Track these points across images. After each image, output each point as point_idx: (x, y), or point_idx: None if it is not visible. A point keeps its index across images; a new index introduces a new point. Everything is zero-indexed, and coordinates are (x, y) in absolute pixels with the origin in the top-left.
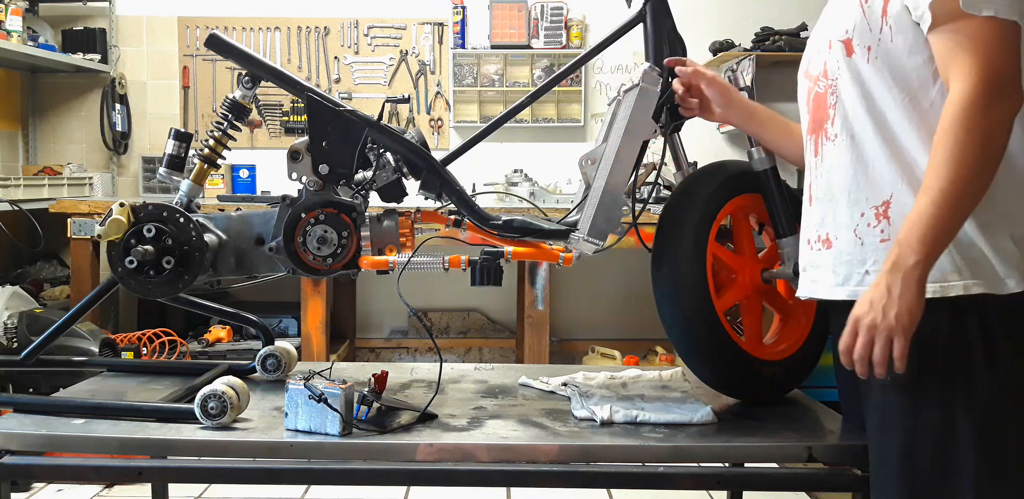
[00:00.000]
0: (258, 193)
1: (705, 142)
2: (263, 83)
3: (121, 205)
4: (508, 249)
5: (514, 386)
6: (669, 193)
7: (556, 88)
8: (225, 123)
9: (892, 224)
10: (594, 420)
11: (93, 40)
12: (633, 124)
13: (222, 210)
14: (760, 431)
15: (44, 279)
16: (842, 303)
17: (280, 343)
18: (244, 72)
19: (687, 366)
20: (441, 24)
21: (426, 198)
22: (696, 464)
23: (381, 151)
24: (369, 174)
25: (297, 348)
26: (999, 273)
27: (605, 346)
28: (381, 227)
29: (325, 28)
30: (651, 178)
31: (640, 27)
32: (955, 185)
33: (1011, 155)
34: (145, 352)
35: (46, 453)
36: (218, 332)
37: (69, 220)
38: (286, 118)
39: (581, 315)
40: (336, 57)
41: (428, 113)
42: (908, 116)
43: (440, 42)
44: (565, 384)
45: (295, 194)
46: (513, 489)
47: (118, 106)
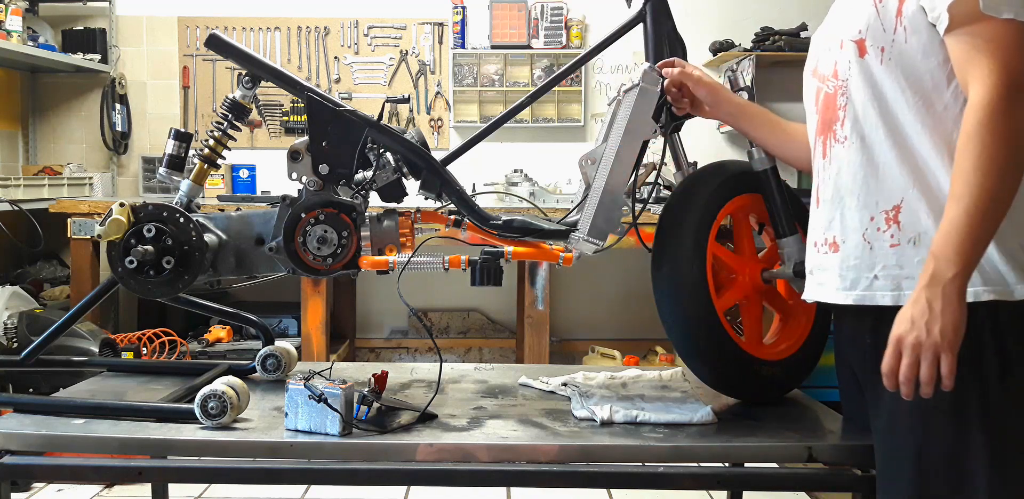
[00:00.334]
0: (258, 193)
1: (705, 142)
2: (263, 83)
3: (121, 205)
4: (508, 249)
5: (514, 386)
6: (669, 193)
7: (556, 88)
8: (225, 123)
9: (903, 229)
10: (594, 420)
11: (93, 40)
12: (633, 124)
13: (222, 210)
14: (760, 431)
15: (44, 279)
16: (849, 308)
17: (280, 343)
18: (244, 72)
19: (687, 366)
20: (441, 24)
21: (426, 198)
22: (696, 464)
23: (381, 151)
24: (369, 174)
25: (297, 348)
26: (1009, 280)
27: (605, 346)
28: (381, 227)
29: (325, 28)
30: (651, 178)
31: (640, 27)
32: (986, 191)
33: None
34: (145, 352)
35: (46, 453)
36: (218, 332)
37: (69, 220)
38: (286, 118)
39: (581, 315)
40: (336, 57)
41: (428, 113)
42: (921, 119)
43: (440, 42)
44: (565, 384)
45: (295, 194)
46: (513, 489)
47: (118, 106)
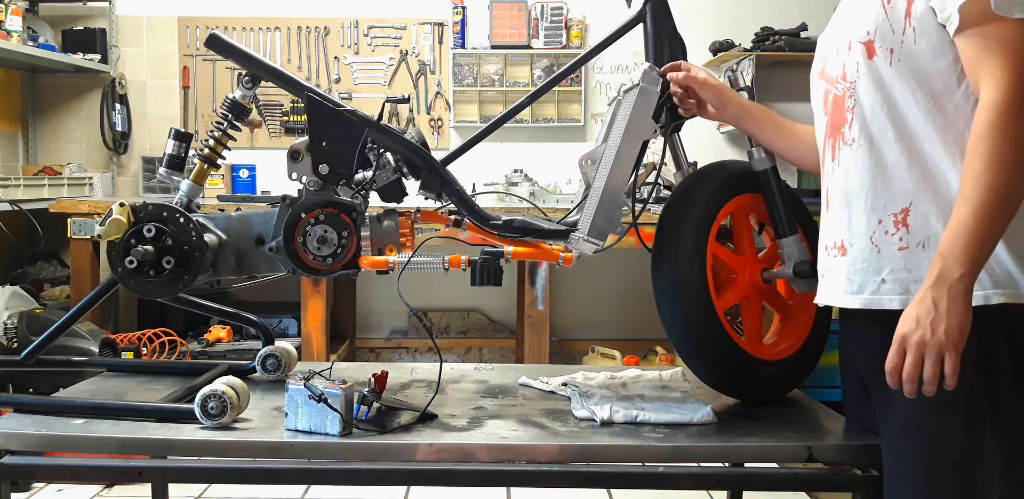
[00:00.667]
0: (258, 193)
1: (705, 142)
2: (263, 83)
3: (121, 205)
4: (508, 249)
5: (514, 386)
6: (669, 193)
7: (556, 88)
8: (225, 123)
9: (911, 232)
10: (594, 420)
11: (93, 40)
12: (633, 124)
13: (222, 210)
14: (760, 431)
15: (44, 279)
16: (856, 311)
17: (280, 343)
18: (244, 72)
19: (687, 366)
20: (441, 24)
21: (426, 198)
22: (696, 464)
23: (381, 151)
24: (369, 174)
25: (297, 348)
26: (1020, 282)
27: (605, 346)
28: (381, 227)
29: (325, 28)
30: (651, 178)
31: (640, 27)
32: (995, 192)
33: None
34: (145, 352)
35: (46, 453)
36: (218, 332)
37: (69, 220)
38: (286, 118)
39: (581, 315)
40: (336, 57)
41: (428, 113)
42: (931, 120)
43: (440, 42)
44: (565, 384)
45: (295, 194)
46: (513, 489)
47: (118, 106)
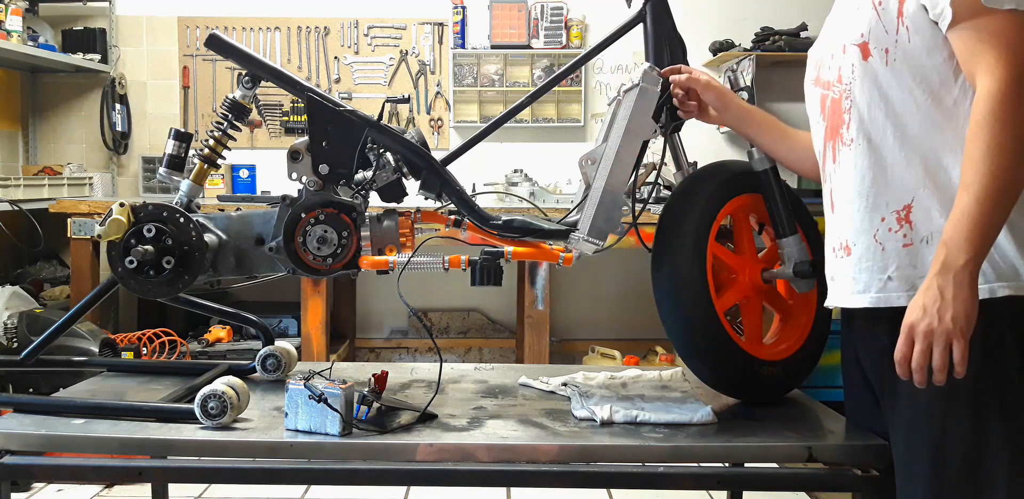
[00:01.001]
0: (258, 193)
1: (705, 142)
2: (263, 83)
3: (121, 205)
4: (508, 249)
5: (514, 386)
6: (669, 193)
7: (556, 88)
8: (225, 123)
9: (915, 228)
10: (594, 420)
11: (93, 40)
12: (633, 124)
13: (222, 210)
14: (760, 431)
15: (44, 279)
16: (863, 311)
17: (280, 343)
18: (244, 72)
19: (687, 366)
20: (441, 24)
21: (426, 198)
22: (696, 464)
23: (381, 151)
24: (369, 174)
25: (297, 348)
26: None
27: (605, 346)
28: (381, 227)
29: (325, 28)
30: (651, 178)
31: (640, 27)
32: (996, 180)
33: None
34: (145, 352)
35: (46, 453)
36: (218, 332)
37: (69, 220)
38: (286, 118)
39: (581, 315)
40: (336, 57)
41: (428, 113)
42: (930, 117)
43: (440, 42)
44: (565, 384)
45: (295, 194)
46: (513, 489)
47: (118, 106)
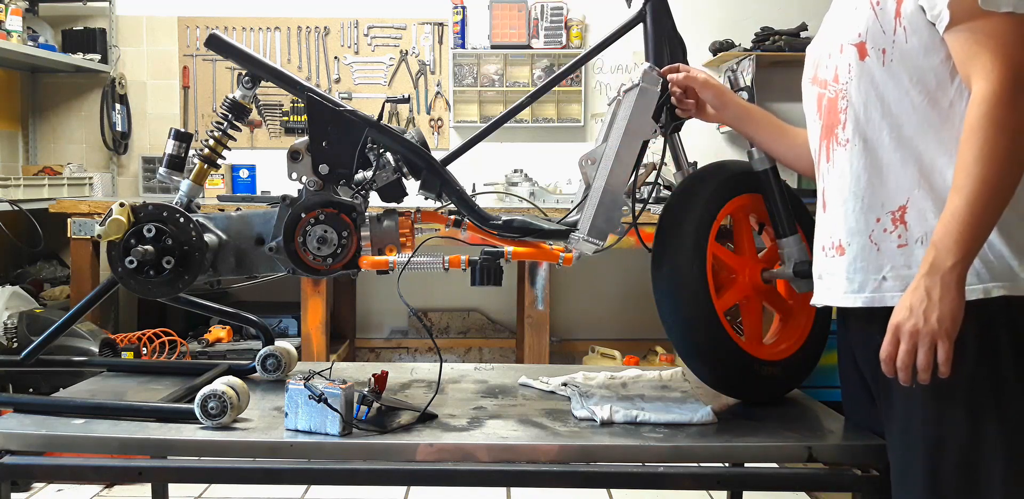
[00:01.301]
0: (258, 193)
1: (705, 142)
2: (263, 83)
3: (121, 205)
4: (508, 249)
5: (514, 386)
6: (669, 193)
7: (556, 88)
8: (225, 123)
9: (910, 229)
10: (594, 420)
11: (93, 40)
12: (633, 124)
13: (222, 210)
14: (760, 431)
15: (44, 279)
16: (857, 310)
17: (280, 343)
18: (244, 72)
19: (687, 366)
20: (441, 24)
21: (426, 198)
22: (696, 464)
23: (381, 151)
24: (369, 174)
25: (297, 348)
26: (1020, 274)
27: (605, 346)
28: (381, 227)
29: (325, 28)
30: (651, 178)
31: (640, 27)
32: (987, 183)
33: None
34: (145, 352)
35: (46, 453)
36: (218, 332)
37: (69, 220)
38: (286, 118)
39: (581, 315)
40: (336, 57)
41: (428, 113)
42: (926, 118)
43: (440, 42)
44: (565, 384)
45: (295, 194)
46: (513, 489)
47: (118, 106)
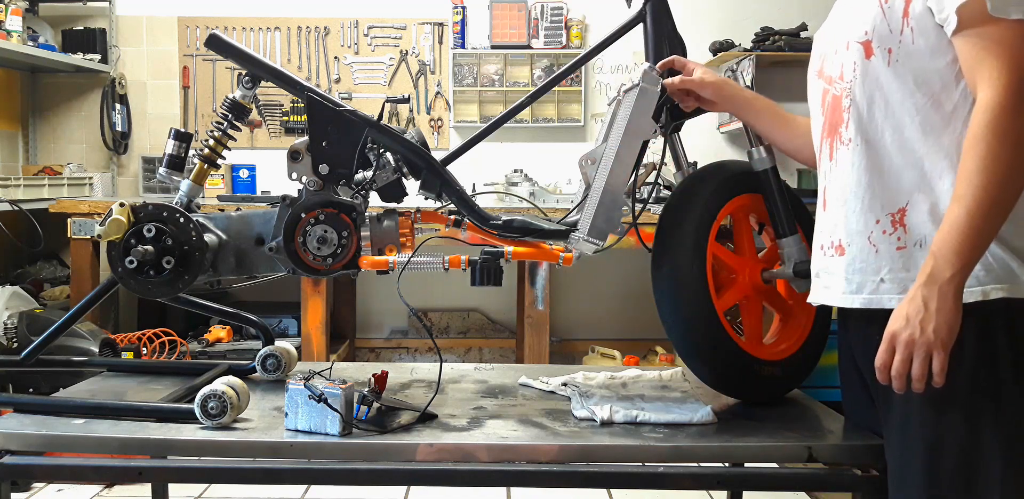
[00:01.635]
0: (258, 193)
1: (705, 142)
2: (263, 83)
3: (121, 205)
4: (508, 249)
5: (514, 386)
6: (669, 193)
7: (556, 88)
8: (225, 123)
9: (908, 231)
10: (594, 420)
11: (93, 40)
12: (633, 124)
13: (222, 210)
14: (760, 431)
15: (44, 279)
16: (855, 310)
17: (280, 343)
18: (244, 72)
19: (687, 366)
20: (441, 24)
21: (426, 198)
22: (696, 464)
23: (381, 151)
24: (369, 174)
25: (297, 348)
26: (1020, 276)
27: (605, 346)
28: (381, 227)
29: (325, 28)
30: (651, 178)
31: (640, 27)
32: (989, 193)
33: None
34: (145, 352)
35: (46, 453)
36: (218, 332)
37: (69, 220)
38: (286, 118)
39: (581, 315)
40: (336, 57)
41: (428, 113)
42: (928, 121)
43: (440, 42)
44: (565, 384)
45: (295, 194)
46: (513, 489)
47: (118, 106)
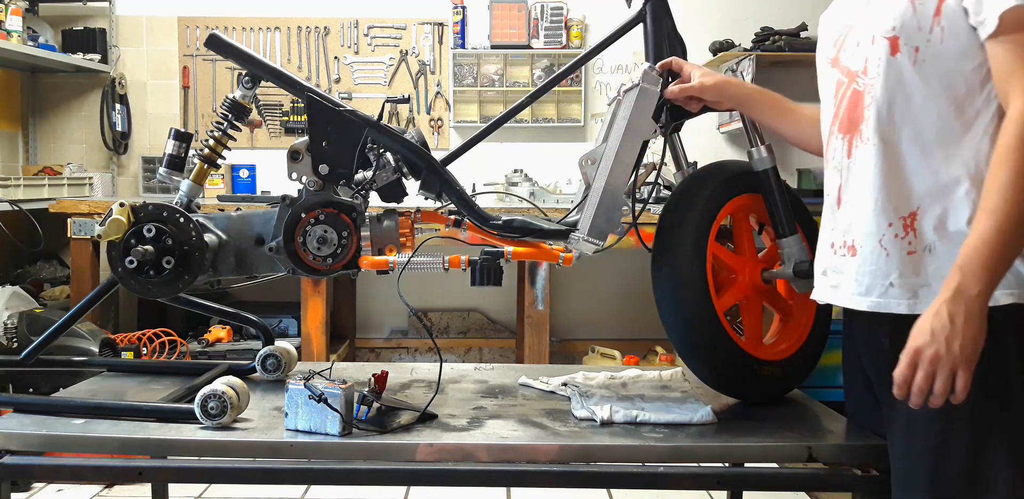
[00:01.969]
0: (258, 193)
1: (705, 142)
2: (263, 83)
3: (121, 205)
4: (508, 249)
5: (514, 386)
6: (669, 193)
7: (556, 88)
8: (225, 123)
9: (919, 236)
10: (594, 420)
11: (93, 40)
12: (633, 124)
13: (222, 210)
14: (760, 431)
15: (44, 279)
16: (863, 312)
17: (280, 343)
18: (244, 72)
19: (687, 366)
20: (441, 24)
21: (426, 198)
22: (696, 464)
23: (381, 151)
24: (369, 174)
25: (297, 348)
26: None
27: (605, 346)
28: (381, 227)
29: (325, 28)
30: (651, 178)
31: (640, 27)
32: (1020, 208)
33: None
34: (145, 352)
35: (46, 453)
36: (218, 332)
37: (69, 220)
38: (286, 118)
39: (581, 315)
40: (336, 57)
41: (428, 113)
42: (949, 125)
43: (440, 42)
44: (565, 384)
45: (295, 194)
46: (513, 489)
47: (118, 106)
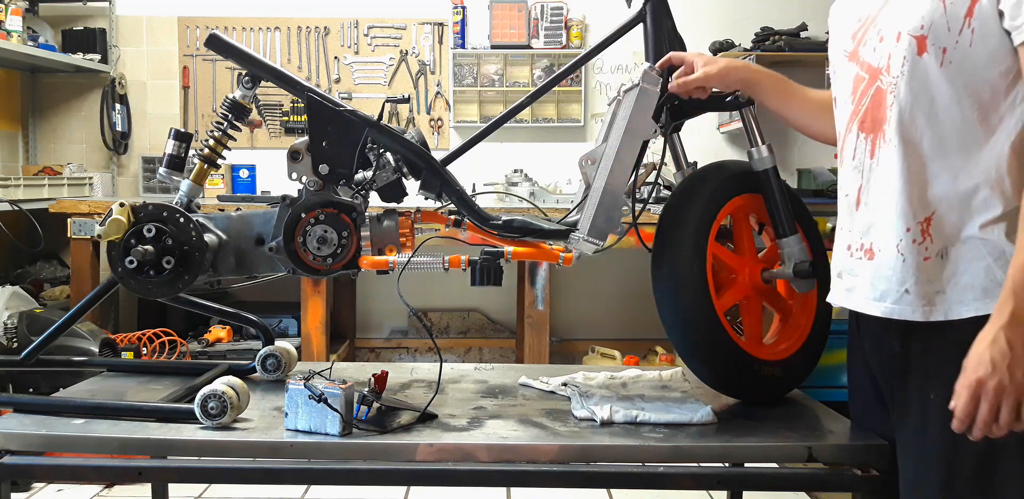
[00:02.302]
0: (258, 193)
1: (705, 142)
2: (263, 83)
3: (121, 205)
4: (508, 249)
5: (514, 386)
6: (669, 193)
7: (556, 88)
8: (225, 123)
9: (933, 242)
10: (594, 420)
11: (93, 40)
12: (633, 124)
13: (222, 210)
14: (760, 431)
15: (44, 279)
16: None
17: (280, 343)
18: (244, 72)
19: (687, 366)
20: (441, 24)
21: (426, 198)
22: (696, 464)
23: (381, 151)
24: (369, 174)
25: (297, 348)
26: None
27: (605, 346)
28: (381, 227)
29: (325, 28)
30: (651, 178)
31: (640, 27)
32: None
33: None
34: (145, 352)
35: (46, 453)
36: (218, 332)
37: (69, 220)
38: (286, 118)
39: (581, 315)
40: (336, 57)
41: (428, 113)
42: (972, 131)
43: (440, 42)
44: (565, 384)
45: (295, 194)
46: (513, 489)
47: (118, 106)
